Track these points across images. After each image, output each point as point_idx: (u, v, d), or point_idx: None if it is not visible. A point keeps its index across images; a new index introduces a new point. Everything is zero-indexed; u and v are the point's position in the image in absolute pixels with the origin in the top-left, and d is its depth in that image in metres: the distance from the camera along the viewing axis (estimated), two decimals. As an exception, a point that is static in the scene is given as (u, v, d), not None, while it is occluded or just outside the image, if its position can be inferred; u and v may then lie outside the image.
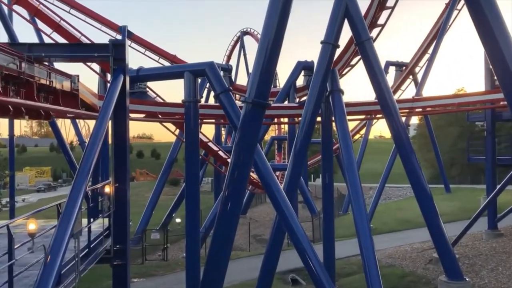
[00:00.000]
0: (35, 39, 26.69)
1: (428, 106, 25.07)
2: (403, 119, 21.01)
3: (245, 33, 64.98)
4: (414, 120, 61.00)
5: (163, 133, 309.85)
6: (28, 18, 24.25)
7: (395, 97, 21.07)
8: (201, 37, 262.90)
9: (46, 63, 11.06)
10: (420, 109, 25.58)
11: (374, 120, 35.37)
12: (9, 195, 27.54)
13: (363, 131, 42.83)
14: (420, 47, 36.98)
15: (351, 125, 38.71)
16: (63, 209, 7.44)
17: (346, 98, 17.76)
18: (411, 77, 38.98)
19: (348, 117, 17.80)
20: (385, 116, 16.82)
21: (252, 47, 64.85)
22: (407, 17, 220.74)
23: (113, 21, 30.73)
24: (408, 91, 39.13)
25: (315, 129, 21.08)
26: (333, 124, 17.55)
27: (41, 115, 11.01)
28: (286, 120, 31.48)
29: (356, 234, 14.47)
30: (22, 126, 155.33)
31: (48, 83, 10.61)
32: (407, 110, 24.08)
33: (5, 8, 26.38)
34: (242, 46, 66.45)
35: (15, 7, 22.37)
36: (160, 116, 21.73)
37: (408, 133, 18.67)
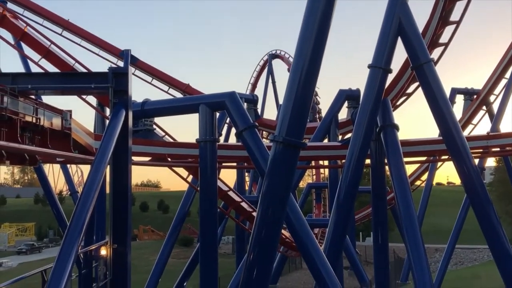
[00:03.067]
0: (20, 68, 27.67)
1: (508, 145, 24.65)
2: (476, 161, 20.68)
3: (274, 56, 65.99)
4: (490, 162, 59.86)
5: (172, 181, 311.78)
6: (12, 42, 25.31)
7: (465, 133, 20.85)
8: (220, 62, 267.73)
9: (33, 97, 11.43)
10: (498, 149, 25.15)
11: (439, 163, 34.87)
12: (-16, 259, 28.00)
13: (425, 177, 42.20)
14: (495, 71, 36.68)
15: (410, 168, 38.35)
16: (49, 277, 7.50)
17: (401, 135, 17.71)
18: (484, 108, 38.55)
19: (405, 159, 17.67)
20: (453, 158, 16.60)
21: (282, 72, 65.66)
22: (477, 34, 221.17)
23: (114, 45, 31.74)
24: (481, 125, 38.59)
25: (364, 174, 20.92)
26: (386, 167, 17.41)
27: (26, 160, 11.29)
28: (326, 162, 31.33)
29: (420, 310, 14.06)
30: (2, 173, 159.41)
31: (34, 120, 10.92)
32: (481, 150, 23.72)
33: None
34: (270, 72, 67.35)
35: (-2, 30, 23.43)
36: (169, 159, 21.97)
37: (483, 179, 18.35)
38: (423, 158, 27.41)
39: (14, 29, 22.37)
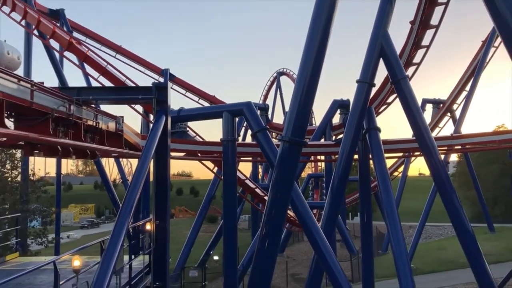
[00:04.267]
0: (83, 83, 27.91)
1: (468, 144, 24.42)
2: (442, 156, 20.48)
3: (281, 73, 65.91)
4: (453, 157, 59.33)
5: (202, 171, 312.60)
6: (77, 63, 25.50)
7: (433, 134, 20.64)
8: (239, 78, 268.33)
9: (93, 106, 11.52)
10: (460, 147, 24.95)
11: (412, 158, 34.63)
12: (55, 232, 28.22)
13: (401, 169, 41.93)
14: (457, 84, 36.38)
15: (389, 162, 38.09)
16: (106, 246, 7.56)
17: (383, 135, 17.57)
18: (448, 114, 38.21)
19: (386, 155, 17.54)
20: (424, 154, 16.45)
21: (288, 86, 65.62)
22: (443, 55, 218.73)
23: (156, 64, 31.90)
24: (446, 128, 38.30)
25: (352, 167, 20.82)
26: (371, 161, 17.30)
27: (88, 155, 11.40)
28: (323, 157, 31.25)
29: (397, 274, 13.97)
30: (69, 165, 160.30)
31: (94, 124, 11.02)
32: (445, 148, 23.53)
33: (57, 55, 27.91)
34: (279, 86, 67.30)
35: (66, 53, 23.58)
36: (199, 154, 22.04)
37: (447, 170, 18.14)
38: (400, 154, 27.23)
39: (78, 52, 22.49)
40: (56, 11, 30.35)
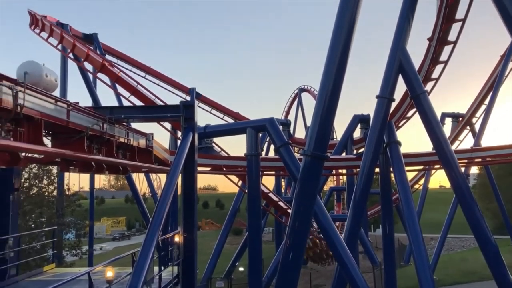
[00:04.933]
0: (115, 102, 28.46)
1: (488, 156, 23.83)
2: (462, 169, 20.04)
3: (302, 90, 65.88)
4: (474, 170, 57.94)
5: (227, 185, 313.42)
6: (109, 84, 26.06)
7: (453, 147, 20.25)
8: (262, 95, 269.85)
9: (125, 124, 11.72)
10: (480, 159, 24.37)
11: (433, 171, 33.96)
12: (88, 244, 28.60)
13: (422, 181, 41.14)
14: (476, 98, 35.67)
15: (410, 175, 37.42)
16: (137, 258, 7.61)
17: (403, 149, 17.32)
18: (468, 127, 37.44)
19: (407, 168, 17.28)
20: (444, 167, 16.12)
21: (309, 102, 65.49)
22: (461, 70, 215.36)
23: (183, 83, 32.31)
24: (466, 141, 37.50)
25: (374, 180, 20.55)
26: (392, 174, 17.05)
27: (120, 170, 11.55)
28: (344, 171, 30.94)
29: (419, 286, 13.63)
30: (101, 180, 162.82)
31: (126, 141, 11.19)
32: (465, 160, 23.02)
33: (90, 76, 28.60)
34: (300, 102, 67.19)
35: (99, 74, 24.18)
36: (224, 169, 22.11)
37: (468, 183, 17.73)
38: (420, 167, 26.75)
39: (111, 74, 22.99)
40: (89, 35, 31.19)
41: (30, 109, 7.32)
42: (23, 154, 8.24)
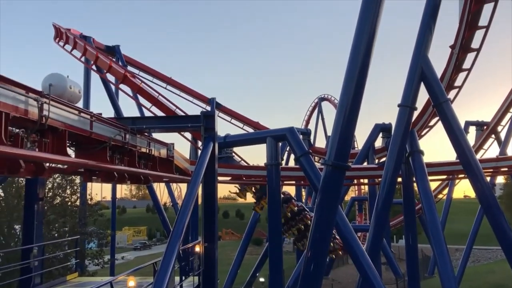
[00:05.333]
0: (137, 113, 28.83)
1: (515, 165, 23.26)
2: (488, 178, 19.60)
3: (322, 99, 65.73)
4: (500, 179, 56.59)
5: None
6: (131, 94, 26.48)
7: (477, 156, 19.84)
8: (281, 104, 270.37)
9: (146, 134, 11.86)
10: (506, 169, 23.79)
11: (457, 180, 33.31)
12: (110, 253, 28.88)
13: (445, 191, 40.40)
14: (502, 106, 34.88)
15: (433, 185, 36.78)
16: (159, 267, 7.65)
17: (426, 158, 17.06)
18: (493, 136, 36.65)
19: (430, 177, 16.98)
20: (468, 176, 15.80)
21: (329, 111, 65.28)
22: (485, 77, 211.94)
23: (203, 94, 32.59)
24: (491, 150, 36.67)
25: (396, 190, 20.28)
26: (414, 184, 16.80)
27: (141, 180, 11.68)
28: (366, 181, 30.58)
29: (445, 299, 13.32)
30: (123, 189, 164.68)
31: (147, 151, 11.32)
32: (491, 170, 22.51)
33: (113, 87, 29.10)
34: (320, 111, 67.01)
35: (121, 85, 24.59)
36: (244, 178, 22.09)
37: (494, 193, 17.33)
38: (444, 177, 26.27)
39: (132, 85, 23.36)
40: (112, 47, 31.75)
41: (54, 120, 7.48)
42: (48, 164, 8.41)
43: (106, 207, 34.87)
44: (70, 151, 9.25)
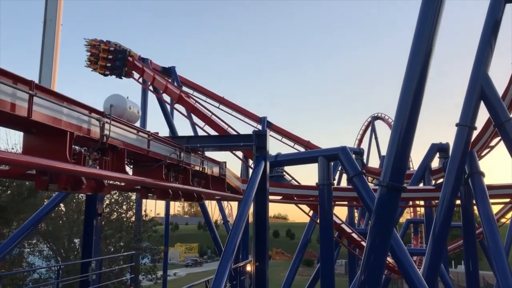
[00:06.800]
0: (190, 132, 29.53)
1: None
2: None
3: (376, 118, 64.51)
4: None
5: (297, 214, 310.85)
6: (185, 114, 27.19)
7: (546, 178, 18.60)
8: (334, 123, 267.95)
9: (200, 152, 12.11)
10: None
11: (522, 203, 31.34)
12: (163, 269, 29.39)
13: (509, 215, 38.11)
14: None
15: (495, 208, 34.86)
16: (211, 286, 7.69)
17: (487, 180, 16.22)
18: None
19: (491, 200, 16.09)
20: (535, 200, 14.87)
21: (383, 130, 63.96)
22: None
23: (255, 113, 32.90)
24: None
25: (454, 213, 19.37)
26: (475, 207, 15.99)
27: (194, 198, 11.89)
28: (422, 203, 29.48)
29: (511, 332, 12.44)
30: (176, 206, 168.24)
31: (201, 169, 11.54)
32: (560, 193, 20.98)
33: (168, 107, 30.03)
34: (373, 130, 65.74)
35: (176, 105, 25.35)
36: (295, 198, 21.93)
37: None
38: (507, 200, 24.82)
39: (187, 104, 24.00)
40: (168, 68, 32.86)
41: (114, 139, 7.81)
42: (107, 181, 8.76)
43: (160, 223, 35.67)
44: (128, 169, 9.59)
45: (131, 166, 9.86)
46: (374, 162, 60.19)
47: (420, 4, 11.63)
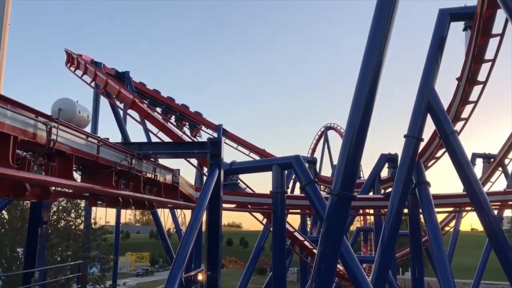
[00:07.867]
0: (143, 138, 28.97)
1: (523, 199, 22.88)
2: (495, 212, 19.34)
3: (328, 128, 65.85)
4: (508, 213, 55.94)
5: (251, 222, 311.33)
6: (139, 120, 26.67)
7: (485, 189, 19.63)
8: (288, 133, 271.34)
9: (152, 159, 11.88)
10: (514, 202, 23.40)
11: (464, 213, 32.86)
12: (112, 279, 28.54)
13: (452, 223, 39.82)
14: (509, 138, 34.69)
15: (440, 217, 36.33)
16: (161, 295, 7.53)
17: (433, 190, 16.90)
18: (500, 169, 36.33)
19: (436, 209, 16.77)
20: (476, 209, 15.60)
21: (335, 140, 65.29)
22: (492, 109, 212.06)
23: (211, 121, 32.70)
24: (498, 183, 36.31)
25: (402, 221, 20.02)
26: (421, 216, 16.60)
27: (146, 206, 11.63)
28: (371, 211, 30.28)
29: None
30: (127, 214, 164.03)
31: (153, 177, 11.31)
32: (499, 203, 22.18)
33: (121, 112, 29.34)
34: (326, 140, 67.02)
35: (130, 111, 24.83)
36: (249, 206, 21.95)
37: (502, 226, 17.06)
38: (451, 209, 25.94)
39: (140, 110, 23.58)
40: (122, 73, 32.14)
41: (62, 144, 7.52)
42: (53, 188, 8.41)
43: (110, 231, 34.67)
44: (76, 175, 9.26)
45: (80, 173, 9.52)
46: (326, 171, 61.32)
47: (372, 19, 12.04)
